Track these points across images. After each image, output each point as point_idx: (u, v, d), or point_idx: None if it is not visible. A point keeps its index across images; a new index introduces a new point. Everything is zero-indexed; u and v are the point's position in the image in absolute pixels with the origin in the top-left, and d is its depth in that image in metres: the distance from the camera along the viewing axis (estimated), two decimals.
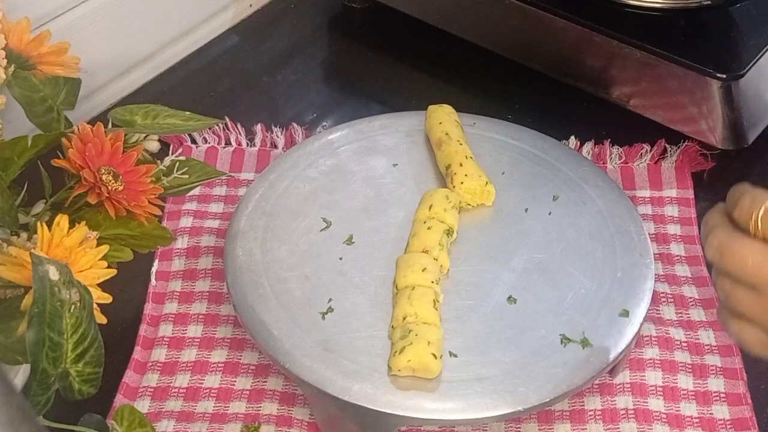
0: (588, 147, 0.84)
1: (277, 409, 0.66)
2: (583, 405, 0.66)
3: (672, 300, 0.72)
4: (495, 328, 0.64)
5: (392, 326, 0.64)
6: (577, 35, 0.83)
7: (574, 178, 0.74)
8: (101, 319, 0.58)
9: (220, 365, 0.68)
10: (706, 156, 0.82)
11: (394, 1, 0.95)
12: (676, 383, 0.67)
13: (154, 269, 0.75)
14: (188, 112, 0.73)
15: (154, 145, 0.71)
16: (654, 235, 0.77)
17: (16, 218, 0.63)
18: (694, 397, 0.66)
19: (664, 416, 0.65)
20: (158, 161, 0.70)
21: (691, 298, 0.72)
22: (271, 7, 1.04)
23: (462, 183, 0.72)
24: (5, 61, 0.66)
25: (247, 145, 0.85)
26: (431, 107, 0.80)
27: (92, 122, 0.66)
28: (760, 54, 0.80)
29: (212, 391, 0.67)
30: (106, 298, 0.60)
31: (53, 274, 0.53)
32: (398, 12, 0.95)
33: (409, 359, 0.60)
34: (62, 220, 0.58)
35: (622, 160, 0.83)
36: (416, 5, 0.94)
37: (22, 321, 0.56)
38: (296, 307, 0.65)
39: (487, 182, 0.72)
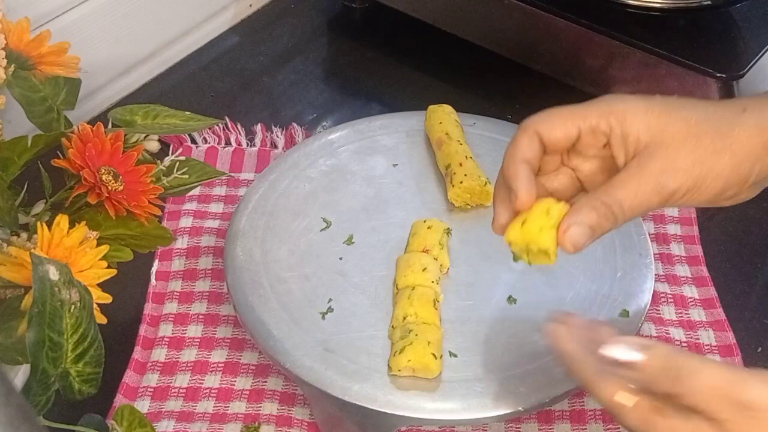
0: None
1: (277, 409, 0.66)
2: (583, 405, 0.66)
3: (672, 300, 0.72)
4: (495, 328, 0.64)
5: (392, 326, 0.63)
6: (577, 35, 0.83)
7: None
8: (101, 319, 0.58)
9: (220, 365, 0.68)
10: None
11: (394, 1, 0.95)
12: None
13: (154, 269, 0.74)
14: (188, 112, 0.73)
15: (154, 145, 0.71)
16: (654, 235, 0.77)
17: (16, 218, 0.63)
18: None
19: None
20: (158, 161, 0.70)
21: (691, 298, 0.72)
22: (271, 7, 1.04)
23: (461, 183, 0.72)
24: (5, 61, 0.65)
25: (247, 145, 0.85)
26: (431, 107, 0.80)
27: (92, 122, 0.66)
28: (760, 54, 0.80)
29: (212, 391, 0.67)
30: (106, 298, 0.60)
31: (53, 274, 0.53)
32: (398, 12, 0.95)
33: (409, 359, 0.60)
34: (62, 220, 0.58)
35: None
36: (416, 5, 0.94)
37: (22, 321, 0.56)
38: (296, 307, 0.65)
39: (486, 182, 0.72)
